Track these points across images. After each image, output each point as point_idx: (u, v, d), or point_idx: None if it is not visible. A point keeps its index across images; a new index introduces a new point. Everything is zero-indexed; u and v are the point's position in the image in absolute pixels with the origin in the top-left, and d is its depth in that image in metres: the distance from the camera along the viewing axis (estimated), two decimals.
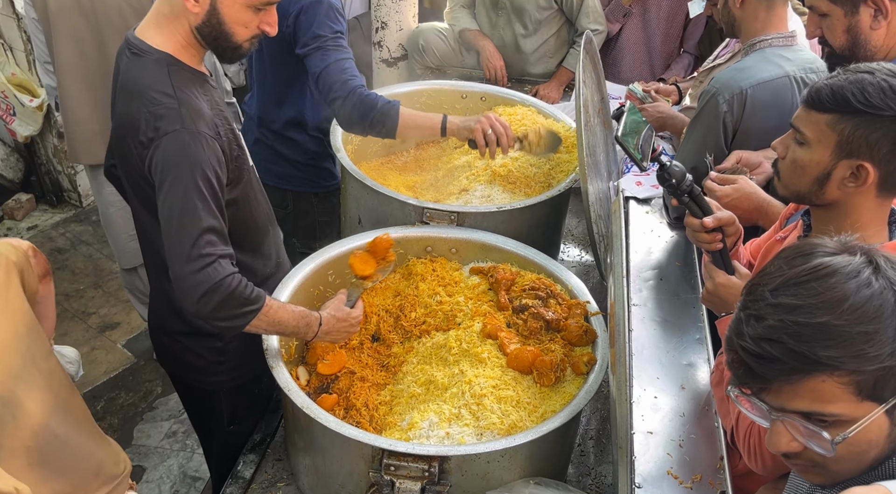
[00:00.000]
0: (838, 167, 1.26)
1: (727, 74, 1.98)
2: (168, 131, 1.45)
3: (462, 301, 1.91)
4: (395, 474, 1.48)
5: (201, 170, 1.46)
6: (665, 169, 1.44)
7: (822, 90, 1.25)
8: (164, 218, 1.47)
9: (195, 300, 1.46)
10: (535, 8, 3.24)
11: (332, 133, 2.36)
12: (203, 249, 1.45)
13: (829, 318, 0.84)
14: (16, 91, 3.77)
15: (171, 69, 1.50)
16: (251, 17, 1.51)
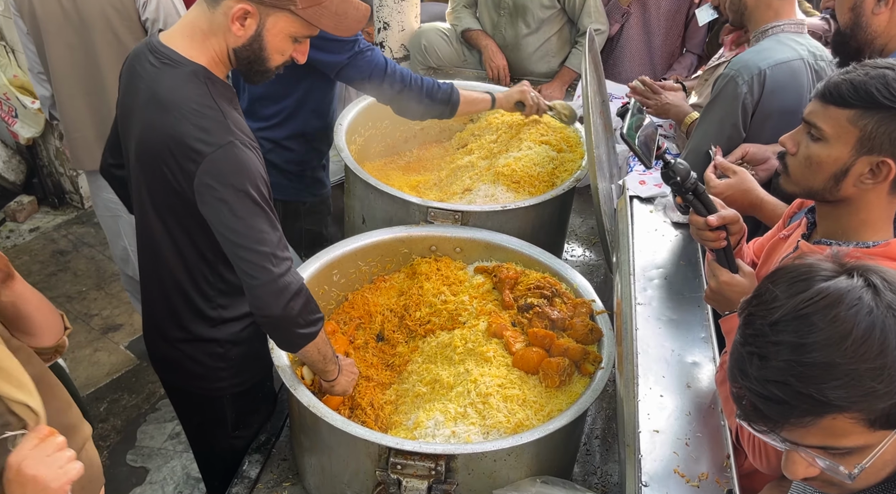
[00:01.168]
0: (857, 164, 1.24)
1: (745, 56, 1.97)
2: (221, 144, 1.44)
3: (467, 300, 1.91)
4: (401, 473, 1.48)
5: (262, 179, 1.49)
6: (670, 167, 1.43)
7: (842, 85, 1.22)
8: (231, 229, 1.46)
9: (284, 304, 1.47)
10: (537, 7, 3.24)
11: (336, 133, 2.36)
12: (283, 252, 1.48)
13: (834, 356, 0.82)
14: (18, 93, 3.77)
15: (208, 82, 1.50)
16: (289, 46, 1.52)
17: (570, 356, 1.73)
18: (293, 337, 1.55)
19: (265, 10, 1.45)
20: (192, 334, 1.73)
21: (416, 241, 2.05)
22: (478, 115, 2.71)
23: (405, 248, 2.05)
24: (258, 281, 1.46)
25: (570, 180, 2.24)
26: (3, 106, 3.89)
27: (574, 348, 1.73)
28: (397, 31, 3.44)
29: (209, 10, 1.47)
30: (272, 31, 1.48)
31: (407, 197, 2.13)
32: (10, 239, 4.02)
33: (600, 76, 2.35)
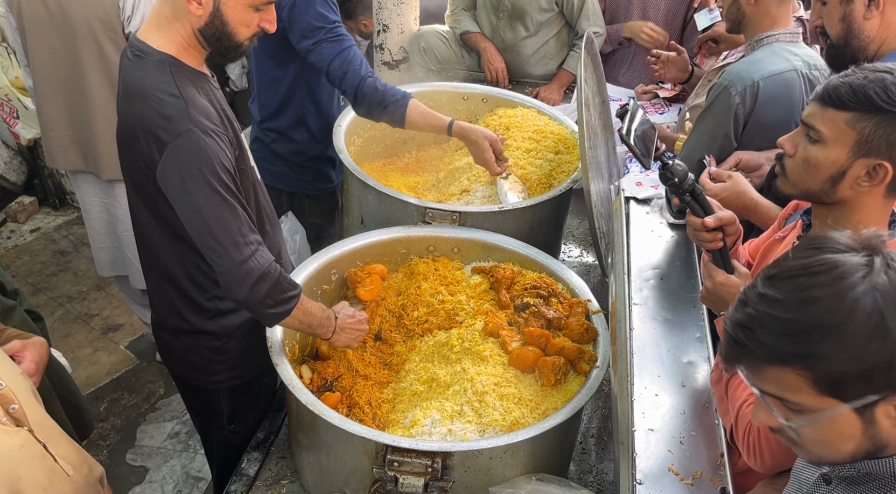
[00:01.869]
0: (854, 166, 1.25)
1: (739, 67, 1.99)
2: (181, 132, 1.46)
3: (464, 300, 1.93)
4: (398, 470, 1.49)
5: (222, 165, 1.49)
6: (668, 168, 1.45)
7: (841, 88, 1.24)
8: (193, 216, 1.49)
9: (248, 288, 1.49)
10: (535, 10, 3.26)
11: (335, 134, 2.37)
12: (247, 237, 1.50)
13: (796, 315, 0.87)
14: (19, 94, 3.79)
15: (173, 70, 1.51)
16: (252, 16, 1.53)
17: (566, 355, 1.74)
18: (264, 317, 1.59)
19: None
20: (190, 325, 1.76)
21: (414, 241, 2.06)
22: (475, 117, 2.73)
23: (403, 248, 2.06)
24: (221, 267, 1.49)
25: (567, 182, 2.26)
26: (4, 107, 3.91)
27: (570, 347, 1.75)
28: (396, 34, 3.45)
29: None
30: (229, 4, 1.50)
31: (405, 198, 2.14)
32: (11, 240, 4.04)
33: (600, 77, 2.37)
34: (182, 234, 1.60)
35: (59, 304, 3.59)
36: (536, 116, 2.60)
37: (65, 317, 3.53)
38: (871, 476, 0.96)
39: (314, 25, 2.20)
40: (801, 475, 1.12)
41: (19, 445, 1.24)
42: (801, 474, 1.12)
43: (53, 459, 1.31)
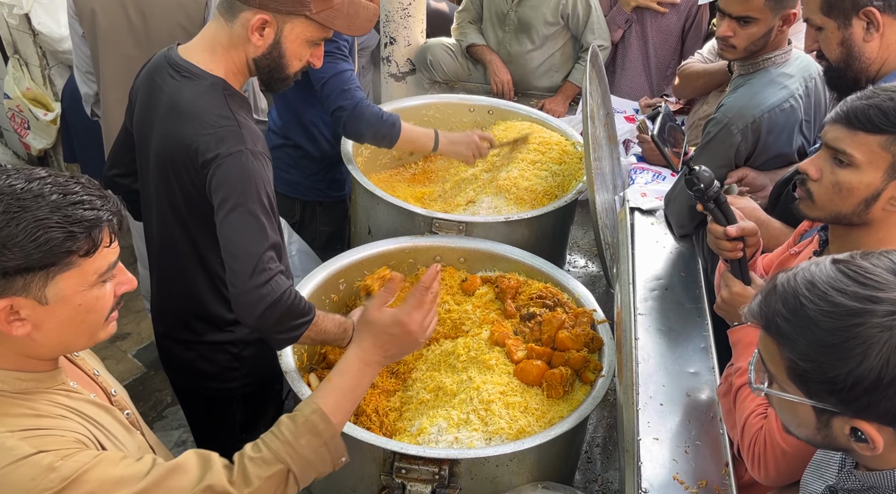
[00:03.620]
0: (889, 188, 1.25)
1: (738, 102, 1.97)
2: (232, 152, 1.48)
3: (470, 309, 1.94)
4: (405, 477, 1.50)
5: (264, 188, 1.51)
6: (694, 173, 1.43)
7: (870, 111, 1.22)
8: (227, 235, 1.49)
9: (258, 314, 1.48)
10: (541, 23, 3.30)
11: (343, 145, 2.40)
12: (267, 264, 1.48)
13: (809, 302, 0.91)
14: (30, 105, 3.83)
15: (226, 94, 1.55)
16: (307, 51, 1.58)
17: (572, 364, 1.76)
18: (274, 342, 1.59)
19: (282, 18, 1.50)
20: (207, 336, 1.77)
21: (420, 251, 2.09)
22: (482, 128, 2.75)
23: (410, 258, 2.09)
24: (235, 290, 1.49)
25: (572, 193, 2.28)
26: (15, 118, 3.96)
27: (575, 357, 1.76)
28: (403, 46, 3.49)
29: (227, 23, 1.53)
30: (290, 38, 1.53)
31: (412, 208, 2.17)
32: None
33: (604, 89, 2.40)
34: (212, 251, 1.62)
35: None
36: (542, 127, 2.62)
37: None
38: (876, 489, 0.97)
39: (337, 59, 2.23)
40: (809, 487, 1.13)
41: (137, 446, 1.26)
42: (809, 486, 1.13)
43: None
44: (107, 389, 1.27)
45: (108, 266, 1.09)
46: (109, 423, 1.19)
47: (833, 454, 1.10)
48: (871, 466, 0.97)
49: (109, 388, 1.28)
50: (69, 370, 1.22)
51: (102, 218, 1.06)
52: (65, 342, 1.11)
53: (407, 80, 3.61)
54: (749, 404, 1.36)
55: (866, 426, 0.90)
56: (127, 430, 1.24)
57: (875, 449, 0.91)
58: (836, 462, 1.08)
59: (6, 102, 3.89)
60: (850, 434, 0.92)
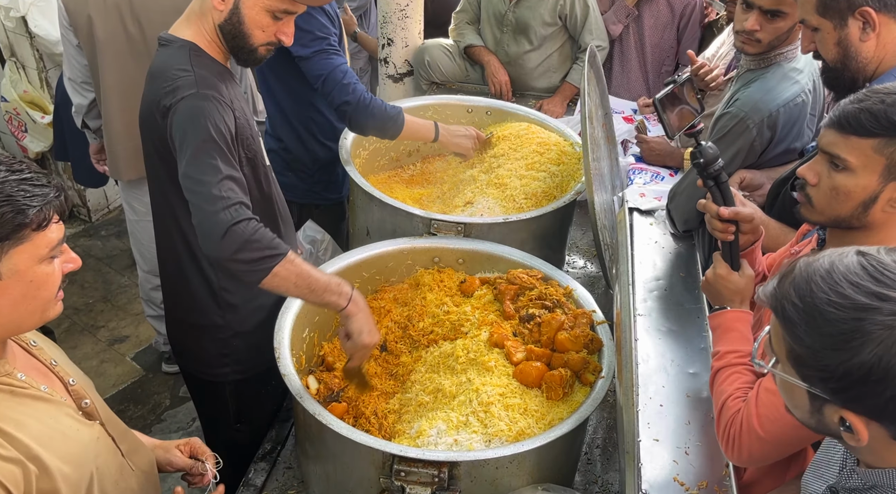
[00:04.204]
0: (885, 190, 1.25)
1: (754, 96, 1.98)
2: (183, 96, 1.54)
3: (469, 311, 1.94)
4: (405, 480, 1.50)
5: (215, 124, 1.53)
6: (699, 148, 1.44)
7: (861, 115, 1.22)
8: (185, 171, 1.52)
9: (218, 241, 1.46)
10: (539, 24, 3.30)
11: (340, 146, 2.40)
12: (223, 192, 1.49)
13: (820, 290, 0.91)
14: (27, 108, 3.83)
15: (191, 53, 1.61)
16: (269, 22, 1.60)
17: (571, 366, 1.75)
18: (241, 274, 1.51)
19: None
20: (197, 317, 1.79)
21: (419, 252, 2.08)
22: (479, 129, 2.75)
23: (409, 259, 2.08)
24: (195, 220, 1.50)
25: (571, 193, 2.28)
26: (12, 121, 3.95)
27: (574, 358, 1.75)
28: (401, 48, 3.49)
29: None
30: (247, 4, 1.57)
31: (410, 209, 2.16)
32: None
33: (603, 90, 2.39)
34: (187, 218, 1.61)
35: (65, 316, 3.61)
36: (540, 128, 2.62)
37: (71, 329, 3.55)
38: (878, 488, 0.97)
39: (317, 35, 2.23)
40: (809, 487, 1.13)
41: (96, 437, 1.28)
42: (810, 487, 1.13)
43: (122, 454, 1.35)
44: (64, 378, 1.28)
45: (58, 240, 1.15)
46: (54, 418, 1.21)
47: (833, 454, 1.10)
48: (872, 464, 0.97)
49: (67, 377, 1.29)
50: (23, 360, 1.24)
51: (50, 194, 1.11)
52: (16, 320, 1.15)
53: (405, 81, 3.61)
54: (727, 387, 1.37)
55: (853, 418, 0.91)
56: (80, 422, 1.25)
57: (860, 441, 0.92)
58: (837, 462, 1.08)
59: (3, 105, 3.88)
60: (839, 423, 0.93)
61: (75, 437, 1.23)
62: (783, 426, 1.23)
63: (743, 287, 1.48)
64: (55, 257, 1.15)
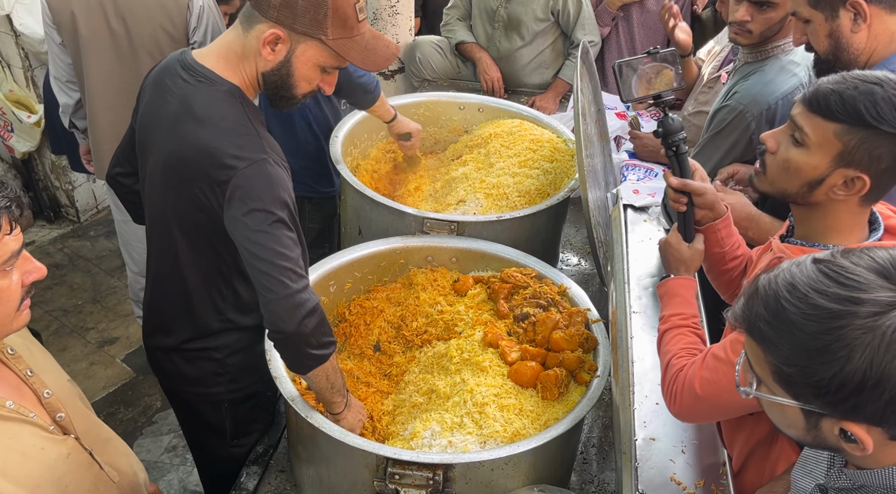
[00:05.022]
0: (833, 175, 1.26)
1: (753, 89, 1.98)
2: (256, 160, 1.46)
3: (462, 310, 1.92)
4: (399, 483, 1.48)
5: (290, 197, 1.50)
6: (664, 117, 1.52)
7: (830, 97, 1.23)
8: (260, 242, 1.46)
9: (299, 320, 1.45)
10: (531, 20, 3.28)
11: (332, 144, 2.38)
12: (302, 270, 1.48)
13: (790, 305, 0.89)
14: (13, 107, 3.78)
15: (243, 102, 1.53)
16: (317, 75, 1.55)
17: (566, 365, 1.74)
18: (303, 358, 1.52)
19: (296, 38, 1.48)
20: (192, 342, 1.74)
21: (412, 251, 2.06)
22: (471, 126, 2.73)
23: (402, 258, 2.06)
24: (275, 295, 1.45)
25: (565, 190, 2.26)
26: None
27: (569, 357, 1.74)
28: None
29: (243, 33, 1.51)
30: (301, 59, 1.51)
31: (403, 208, 2.14)
32: None
33: (595, 86, 2.38)
34: (219, 259, 1.61)
35: (54, 318, 3.57)
36: (532, 125, 2.60)
37: (60, 331, 3.51)
38: (867, 488, 0.96)
39: None
40: (798, 484, 1.13)
41: (66, 453, 1.24)
42: (798, 483, 1.13)
43: (99, 466, 1.31)
44: (38, 391, 1.24)
45: (10, 254, 1.08)
46: (15, 438, 1.16)
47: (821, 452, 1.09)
48: (861, 465, 0.96)
49: (42, 390, 1.25)
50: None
51: (0, 205, 1.05)
52: None
53: (396, 78, 3.59)
54: (672, 347, 1.43)
55: (855, 428, 0.89)
56: (47, 440, 1.22)
57: (865, 450, 0.90)
58: (825, 460, 1.07)
59: None
60: (839, 435, 0.91)
61: (37, 457, 1.19)
62: (718, 389, 1.28)
63: (688, 258, 1.56)
64: (11, 270, 1.09)
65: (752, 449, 1.52)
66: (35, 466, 1.18)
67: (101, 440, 1.34)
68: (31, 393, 1.23)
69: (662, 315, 1.52)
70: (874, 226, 1.33)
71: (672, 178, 1.54)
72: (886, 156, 1.22)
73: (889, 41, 1.67)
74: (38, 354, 1.32)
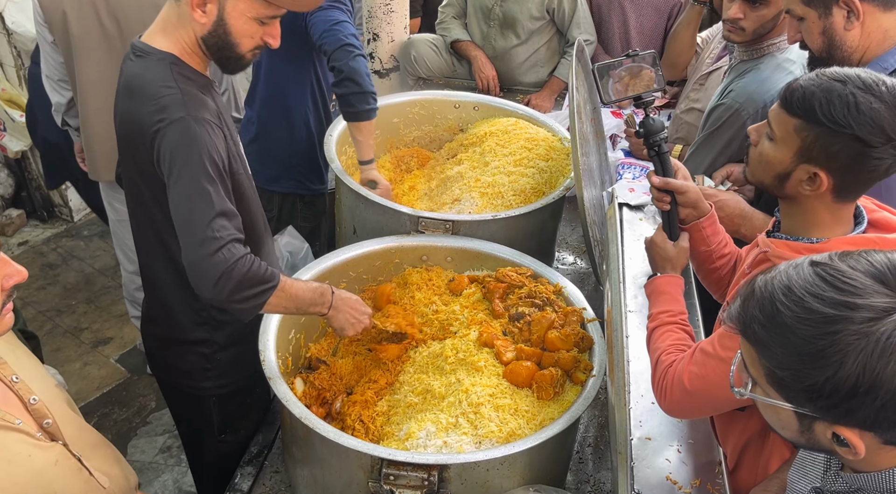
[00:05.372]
0: (797, 170, 1.28)
1: (748, 88, 1.98)
2: (174, 119, 1.46)
3: (458, 310, 1.91)
4: (394, 484, 1.47)
5: (209, 154, 1.47)
6: (645, 118, 1.54)
7: (796, 92, 1.25)
8: (175, 204, 1.46)
9: (212, 285, 1.44)
10: (526, 18, 3.27)
11: (326, 143, 2.36)
12: (216, 232, 1.44)
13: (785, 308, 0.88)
14: (6, 107, 3.76)
15: (173, 67, 1.53)
16: (256, 28, 1.54)
17: (562, 365, 1.73)
18: (235, 312, 1.53)
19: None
20: (179, 332, 1.74)
21: (407, 251, 2.05)
22: (467, 125, 2.72)
23: (397, 258, 2.05)
24: (187, 260, 1.45)
25: (560, 189, 2.25)
26: None
27: (565, 357, 1.73)
28: (387, 42, 3.45)
29: (175, 2, 1.53)
30: (233, 15, 1.50)
31: (398, 207, 2.13)
32: None
33: (591, 84, 2.37)
34: (173, 237, 1.57)
35: (47, 318, 3.55)
36: (528, 123, 2.59)
37: (54, 331, 3.49)
38: (864, 491, 0.96)
39: None
40: (794, 486, 1.12)
41: (54, 460, 1.22)
42: (794, 485, 1.13)
43: (89, 472, 1.30)
44: (24, 397, 1.22)
45: None
46: (3, 446, 1.15)
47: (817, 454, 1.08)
48: (857, 468, 0.96)
49: (28, 396, 1.23)
50: None
51: None
52: None
53: (391, 76, 3.57)
54: (660, 344, 1.43)
55: (847, 432, 0.89)
56: (34, 447, 1.20)
57: (857, 454, 0.90)
58: (821, 462, 1.07)
59: None
60: (832, 439, 0.91)
61: (24, 464, 1.17)
62: (707, 384, 1.28)
63: (673, 256, 1.57)
64: None
65: (745, 445, 1.52)
66: (22, 474, 1.17)
67: (89, 445, 1.32)
68: (16, 399, 1.21)
69: (650, 313, 1.53)
70: (858, 219, 1.33)
71: (654, 177, 1.56)
72: (842, 154, 1.22)
73: (882, 39, 1.67)
74: (25, 359, 1.30)
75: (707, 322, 1.72)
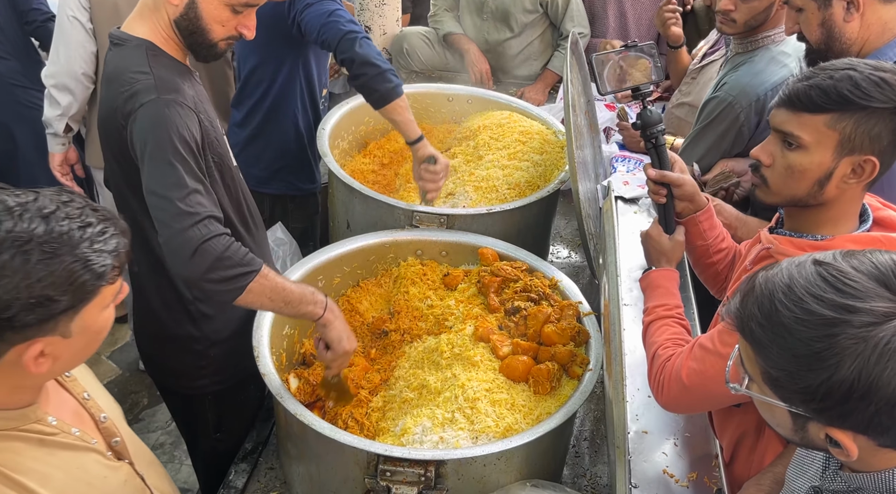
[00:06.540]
0: (840, 166, 1.24)
1: (742, 81, 1.97)
2: (144, 102, 1.45)
3: (453, 305, 1.90)
4: (390, 480, 1.46)
5: (178, 133, 1.45)
6: (643, 110, 1.53)
7: (811, 91, 1.22)
8: (148, 185, 1.44)
9: (187, 260, 1.38)
10: (520, 11, 3.26)
11: (319, 137, 2.35)
12: (191, 207, 1.41)
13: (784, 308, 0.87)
14: None
15: (149, 53, 1.52)
16: (229, 16, 1.52)
17: (558, 359, 1.72)
18: (215, 294, 1.45)
19: None
20: (172, 328, 1.72)
21: (401, 245, 2.04)
22: (460, 118, 2.71)
23: (391, 253, 2.04)
24: (162, 238, 1.42)
25: (555, 183, 2.24)
26: None
27: (561, 351, 1.73)
28: (379, 35, 3.43)
29: None
30: None
31: (392, 201, 2.12)
32: None
33: (585, 78, 2.36)
34: (150, 228, 1.54)
35: None
36: (522, 117, 2.58)
37: None
38: (863, 491, 0.95)
39: None
40: (792, 484, 1.12)
41: (123, 480, 1.19)
42: (792, 484, 1.12)
43: (151, 492, 1.27)
44: (95, 415, 1.19)
45: (120, 283, 1.07)
46: (82, 467, 1.12)
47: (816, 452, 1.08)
48: (855, 468, 0.96)
49: (98, 414, 1.19)
50: (56, 399, 1.14)
51: (120, 245, 1.04)
52: (70, 367, 1.10)
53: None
54: (657, 338, 1.43)
55: (840, 435, 0.88)
56: (107, 468, 1.17)
57: (850, 456, 0.89)
58: (820, 461, 1.07)
59: None
60: (825, 439, 0.91)
61: (101, 486, 1.14)
62: (705, 379, 1.27)
63: (669, 250, 1.56)
64: None
65: (740, 438, 1.52)
66: (112, 485, 1.14)
67: (146, 462, 1.29)
68: (89, 418, 1.18)
69: (646, 307, 1.52)
70: (863, 217, 1.32)
71: (651, 170, 1.55)
72: (885, 132, 1.20)
73: (882, 31, 1.67)
74: (87, 375, 1.26)
75: (703, 316, 1.72)
